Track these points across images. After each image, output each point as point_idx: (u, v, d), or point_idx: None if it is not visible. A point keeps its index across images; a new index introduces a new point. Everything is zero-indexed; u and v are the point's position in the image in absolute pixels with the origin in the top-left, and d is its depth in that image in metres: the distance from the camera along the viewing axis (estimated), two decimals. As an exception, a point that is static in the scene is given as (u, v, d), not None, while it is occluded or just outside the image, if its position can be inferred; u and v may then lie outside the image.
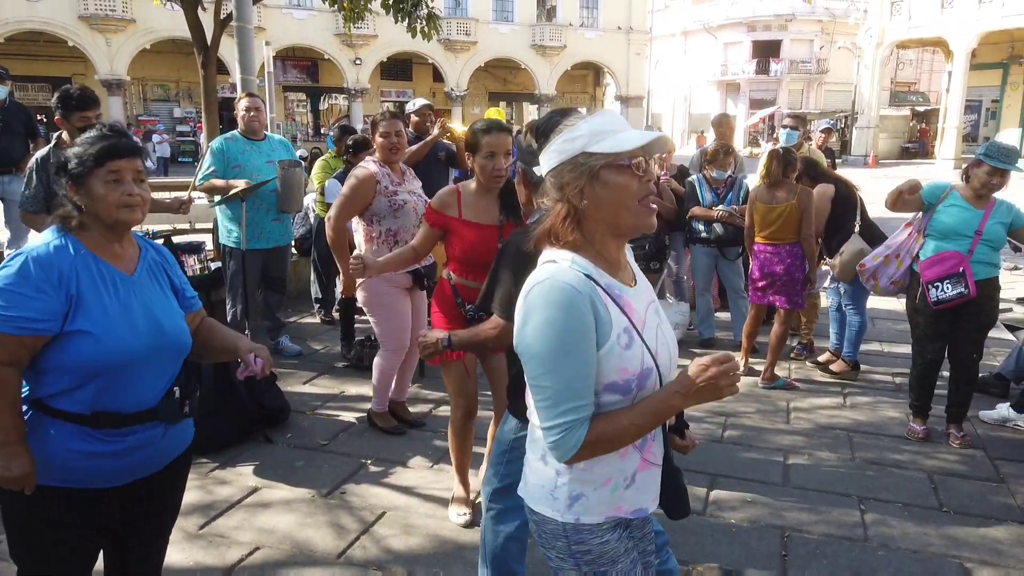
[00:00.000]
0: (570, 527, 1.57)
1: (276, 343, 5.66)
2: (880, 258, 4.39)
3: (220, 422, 3.94)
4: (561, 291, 1.42)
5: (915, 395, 4.32)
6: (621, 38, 39.37)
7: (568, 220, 1.50)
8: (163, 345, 1.88)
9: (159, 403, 1.90)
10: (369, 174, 3.94)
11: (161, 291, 1.96)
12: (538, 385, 1.45)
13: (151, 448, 1.92)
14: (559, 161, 1.50)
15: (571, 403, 1.42)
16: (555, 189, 1.52)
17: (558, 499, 1.57)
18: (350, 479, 3.70)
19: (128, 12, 28.76)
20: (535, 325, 1.43)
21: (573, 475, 1.55)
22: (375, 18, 26.73)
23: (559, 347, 1.41)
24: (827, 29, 42.27)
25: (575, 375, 1.42)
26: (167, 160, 27.51)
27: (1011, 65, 31.09)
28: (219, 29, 9.93)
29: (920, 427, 4.28)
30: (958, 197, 4.05)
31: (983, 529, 3.28)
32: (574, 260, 1.48)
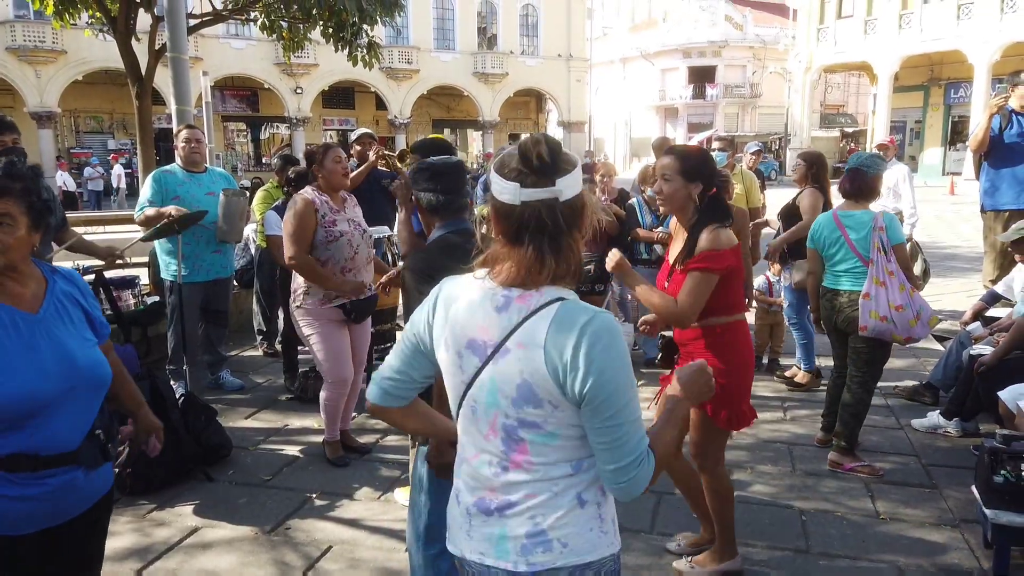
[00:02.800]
0: (618, 555, 1.56)
1: (217, 377, 5.53)
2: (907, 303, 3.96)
3: (157, 461, 3.80)
4: (614, 323, 1.44)
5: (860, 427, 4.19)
6: (561, 65, 40.09)
7: (574, 248, 1.46)
8: (79, 382, 1.80)
9: (80, 446, 1.81)
10: (308, 201, 3.92)
11: (72, 325, 1.86)
12: (615, 423, 1.39)
13: (71, 492, 1.83)
14: (580, 187, 1.46)
15: (641, 434, 1.44)
16: (574, 212, 1.44)
17: (607, 531, 1.51)
18: (294, 514, 3.62)
19: (59, 43, 28.03)
20: (615, 357, 1.39)
21: (608, 502, 1.54)
22: (315, 47, 26.60)
23: (629, 378, 1.43)
24: (758, 55, 43.81)
25: (638, 404, 1.44)
26: (99, 194, 26.75)
27: (931, 87, 32.68)
28: (154, 60, 9.80)
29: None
30: None
31: (918, 534, 3.39)
32: (575, 296, 1.47)
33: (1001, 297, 5.38)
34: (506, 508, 1.48)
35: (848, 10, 32.93)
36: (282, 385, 5.53)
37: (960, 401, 4.47)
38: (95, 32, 11.42)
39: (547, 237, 1.41)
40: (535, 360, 1.39)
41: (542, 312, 1.40)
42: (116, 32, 9.52)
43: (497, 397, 1.45)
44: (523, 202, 1.41)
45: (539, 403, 1.41)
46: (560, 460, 1.46)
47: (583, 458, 1.47)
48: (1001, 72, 25.42)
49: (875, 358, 4.09)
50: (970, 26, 27.62)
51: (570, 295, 1.45)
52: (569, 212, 1.43)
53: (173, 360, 5.17)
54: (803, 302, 5.23)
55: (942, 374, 5.01)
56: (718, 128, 38.63)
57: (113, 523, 3.46)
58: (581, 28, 41.11)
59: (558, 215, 1.41)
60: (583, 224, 1.46)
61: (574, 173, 1.44)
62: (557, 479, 1.46)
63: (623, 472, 1.40)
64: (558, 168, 1.41)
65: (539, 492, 1.46)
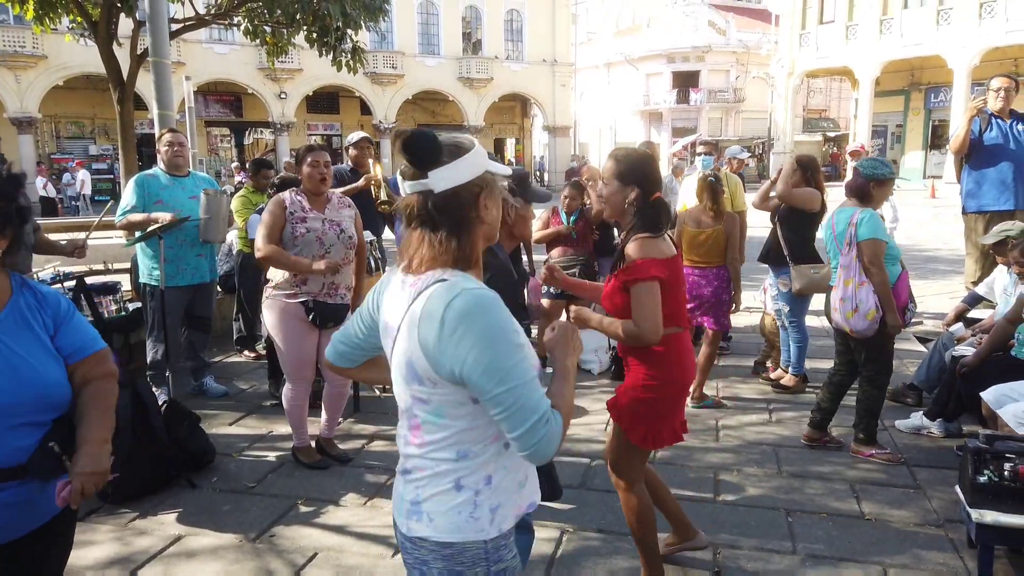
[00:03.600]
0: (491, 544, 1.57)
1: (201, 384, 5.48)
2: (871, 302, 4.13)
3: (139, 468, 3.77)
4: (483, 296, 1.47)
5: (873, 422, 4.28)
6: (546, 70, 40.18)
7: (469, 236, 1.55)
8: (25, 397, 1.72)
9: (30, 459, 1.74)
10: (278, 200, 4.01)
11: (31, 340, 1.78)
12: (504, 391, 1.43)
13: (20, 507, 1.76)
14: (473, 176, 1.54)
15: (537, 394, 1.46)
16: (461, 204, 1.53)
17: (479, 519, 1.56)
18: (279, 521, 3.58)
19: (39, 48, 27.75)
20: (480, 332, 1.43)
21: (492, 489, 1.57)
22: (299, 52, 26.51)
23: (507, 346, 1.45)
24: (742, 60, 44.09)
25: (528, 366, 1.47)
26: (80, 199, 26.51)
27: (912, 92, 33.07)
28: (136, 64, 9.73)
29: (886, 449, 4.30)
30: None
31: (903, 534, 3.40)
32: (465, 277, 1.53)
33: (983, 298, 5.44)
34: (406, 474, 1.63)
35: (830, 15, 33.26)
36: (266, 391, 5.49)
37: (943, 402, 4.51)
38: (76, 37, 11.33)
39: (430, 226, 1.53)
40: (413, 339, 1.49)
41: (423, 294, 1.49)
42: (97, 37, 9.45)
43: (398, 375, 1.58)
44: (408, 194, 1.55)
45: (421, 380, 1.52)
46: (447, 444, 1.55)
47: (469, 448, 1.55)
48: (980, 77, 25.73)
49: (871, 355, 4.17)
50: (949, 31, 27.98)
51: (454, 276, 1.51)
52: (444, 203, 1.51)
53: (155, 366, 5.11)
54: (802, 303, 5.24)
55: (925, 375, 5.05)
56: (702, 133, 38.87)
57: (94, 532, 3.44)
58: (566, 33, 41.22)
59: (431, 206, 1.52)
60: (477, 214, 1.55)
61: (453, 164, 1.51)
62: (440, 461, 1.56)
63: (530, 435, 1.44)
64: (432, 161, 1.50)
65: (424, 468, 1.58)
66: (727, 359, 6.39)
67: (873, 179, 4.13)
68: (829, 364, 5.68)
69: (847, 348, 4.32)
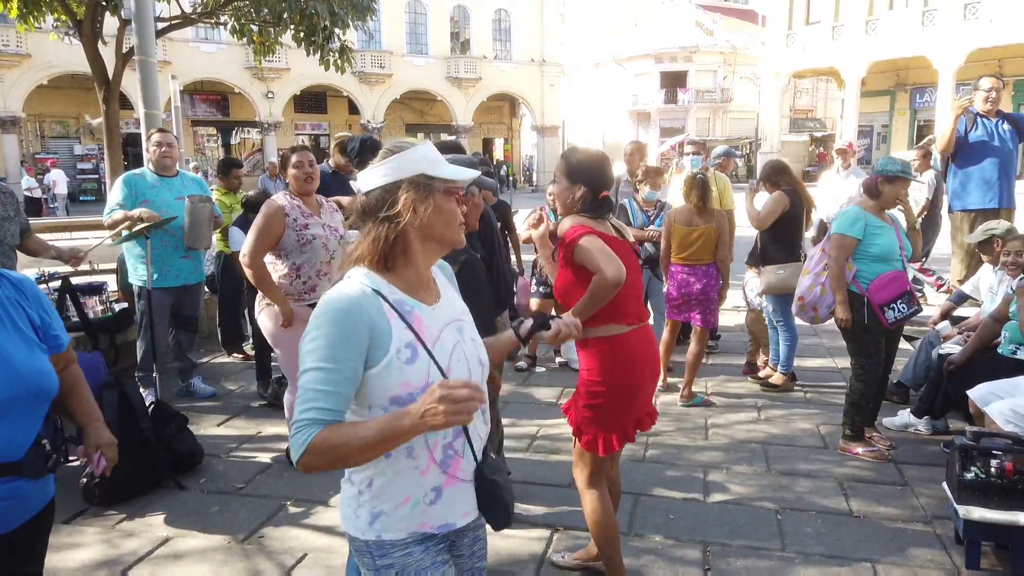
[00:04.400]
0: (372, 544, 1.60)
1: (188, 384, 5.44)
2: (816, 288, 4.44)
3: (126, 470, 3.72)
4: (340, 300, 1.51)
5: (863, 415, 4.34)
6: (535, 70, 40.21)
7: (389, 238, 1.57)
8: (18, 391, 1.72)
9: (25, 456, 1.75)
10: (277, 207, 3.88)
11: (15, 331, 1.78)
12: (299, 384, 1.49)
13: (16, 502, 1.77)
14: (396, 178, 1.57)
15: (315, 403, 1.45)
16: (382, 205, 1.57)
17: (360, 518, 1.61)
18: (268, 522, 3.56)
19: (23, 46, 27.50)
20: (311, 327, 1.50)
21: (372, 493, 1.60)
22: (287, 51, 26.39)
23: (322, 348, 1.47)
24: (729, 60, 44.30)
25: (329, 379, 1.46)
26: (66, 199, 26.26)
27: (897, 92, 33.33)
28: (121, 63, 9.66)
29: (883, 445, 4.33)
30: (875, 220, 4.22)
31: (891, 531, 3.42)
32: (367, 275, 1.58)
33: (969, 297, 5.48)
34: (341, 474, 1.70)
35: (816, 16, 33.49)
36: (255, 391, 5.46)
37: (930, 400, 4.54)
38: (61, 35, 11.25)
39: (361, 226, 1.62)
40: None
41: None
42: (82, 35, 9.37)
43: None
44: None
45: None
46: None
47: None
48: (965, 77, 25.97)
49: (849, 349, 4.33)
50: (935, 32, 28.23)
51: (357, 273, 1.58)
52: (367, 204, 1.59)
53: (142, 367, 5.07)
54: (786, 302, 5.26)
55: (912, 373, 5.08)
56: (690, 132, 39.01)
57: (81, 534, 3.41)
58: (554, 33, 41.28)
59: (361, 207, 1.61)
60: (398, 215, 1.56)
61: (378, 167, 1.58)
62: None
63: (290, 430, 1.48)
64: (362, 163, 1.64)
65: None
66: (716, 358, 6.42)
67: (882, 174, 4.19)
68: (818, 362, 5.73)
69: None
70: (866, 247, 4.19)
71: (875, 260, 4.18)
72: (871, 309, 4.16)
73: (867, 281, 4.17)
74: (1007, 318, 4.28)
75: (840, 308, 4.20)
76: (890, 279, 4.16)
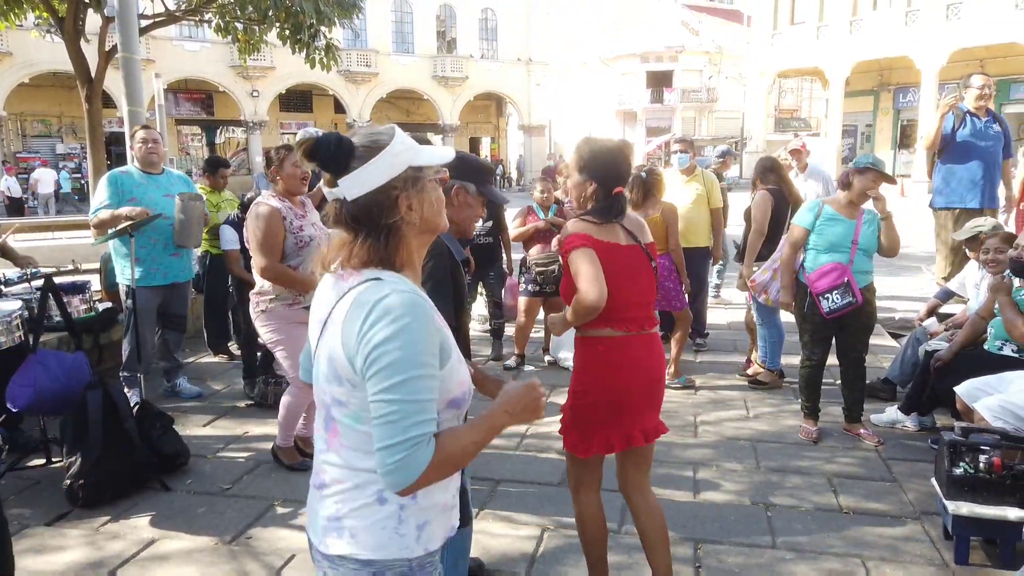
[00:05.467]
0: (416, 563, 1.48)
1: (174, 385, 5.38)
2: (768, 272, 4.71)
3: (111, 471, 3.70)
4: (415, 302, 1.38)
5: (805, 396, 4.60)
6: (521, 69, 40.21)
7: (392, 240, 1.46)
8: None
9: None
10: (273, 210, 3.82)
11: None
12: (387, 399, 1.34)
13: None
14: (390, 177, 1.44)
15: (421, 416, 1.34)
16: (380, 210, 1.45)
17: (405, 535, 1.46)
18: (256, 523, 3.52)
19: (4, 44, 27.16)
20: (396, 332, 1.34)
21: (418, 504, 1.48)
22: (272, 49, 26.26)
23: (416, 356, 1.35)
24: (714, 60, 44.49)
25: (426, 387, 1.36)
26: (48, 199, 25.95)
27: (881, 92, 33.57)
28: (104, 61, 9.57)
29: (813, 428, 4.54)
30: (831, 211, 4.36)
31: (880, 527, 3.43)
32: (399, 277, 1.46)
33: (954, 294, 5.51)
34: (322, 487, 1.52)
35: (801, 16, 33.68)
36: (241, 391, 5.41)
37: (917, 396, 4.56)
38: (42, 33, 11.12)
39: (351, 231, 1.47)
40: (336, 336, 1.42)
41: (354, 290, 1.43)
42: (64, 33, 9.27)
43: (319, 372, 1.50)
44: (330, 200, 1.50)
45: (341, 381, 1.43)
46: (367, 451, 1.42)
47: None
48: (948, 77, 26.22)
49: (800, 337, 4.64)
50: (918, 32, 28.44)
51: (390, 276, 1.44)
52: (358, 211, 1.45)
53: (127, 367, 5.01)
54: None
55: (899, 370, 5.11)
56: (676, 132, 39.14)
57: (64, 537, 3.37)
58: (540, 32, 41.29)
59: (347, 215, 1.46)
60: (399, 217, 1.46)
61: (363, 169, 1.43)
62: (360, 471, 1.45)
63: (390, 452, 1.32)
64: (342, 168, 1.44)
65: (344, 479, 1.47)
66: (704, 355, 6.43)
67: (853, 167, 4.34)
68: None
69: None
70: (816, 237, 4.38)
71: (823, 251, 4.35)
72: (812, 298, 4.34)
73: (811, 271, 4.37)
74: (993, 314, 4.30)
75: (783, 292, 4.57)
76: (829, 269, 4.29)
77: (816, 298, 4.32)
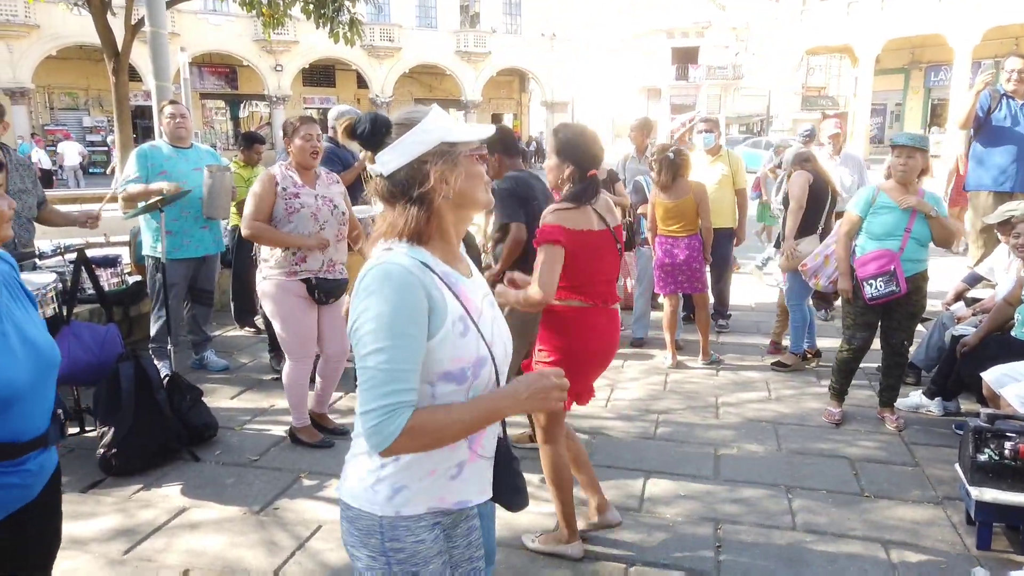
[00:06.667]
0: (387, 522, 1.54)
1: (202, 358, 5.47)
2: (820, 257, 4.71)
3: (142, 441, 3.79)
4: (396, 273, 1.44)
5: (836, 378, 4.58)
6: (545, 44, 39.81)
7: (422, 212, 1.52)
8: (42, 363, 1.75)
9: (49, 427, 1.79)
10: (268, 176, 3.94)
11: (22, 305, 1.80)
12: (364, 366, 1.42)
13: (40, 472, 1.81)
14: (420, 152, 1.50)
15: (394, 385, 1.40)
16: (412, 184, 1.51)
17: (378, 492, 1.54)
18: (283, 494, 3.60)
19: (31, 17, 27.38)
20: (368, 304, 1.43)
21: (399, 465, 1.53)
22: (296, 24, 26.24)
23: (389, 326, 1.41)
24: (741, 36, 43.79)
25: (401, 357, 1.41)
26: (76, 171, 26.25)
27: (912, 70, 32.89)
28: (130, 35, 9.61)
29: (836, 410, 4.53)
30: (885, 198, 4.27)
31: (901, 511, 3.44)
32: (411, 248, 1.52)
33: (982, 278, 5.44)
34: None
35: (831, -8, 33.01)
36: (267, 365, 5.49)
37: (942, 381, 4.53)
38: (69, 6, 11.19)
39: (390, 204, 1.55)
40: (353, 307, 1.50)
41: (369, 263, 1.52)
42: (91, 6, 9.32)
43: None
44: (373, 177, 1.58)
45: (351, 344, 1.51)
46: None
47: None
48: (982, 55, 25.63)
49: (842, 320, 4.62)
50: (951, 9, 27.76)
51: (399, 246, 1.51)
52: (395, 184, 1.52)
53: (157, 339, 5.10)
54: (802, 285, 5.26)
55: (924, 354, 5.07)
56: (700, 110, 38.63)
57: (98, 504, 3.46)
58: (564, 7, 40.78)
59: (385, 188, 1.54)
60: (433, 189, 1.51)
61: (397, 144, 1.51)
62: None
63: (366, 418, 1.41)
64: (377, 144, 1.53)
65: (356, 429, 1.58)
66: (727, 336, 6.41)
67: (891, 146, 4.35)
68: (830, 342, 5.72)
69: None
70: (868, 223, 4.33)
71: (874, 237, 4.30)
72: (857, 282, 4.33)
73: (860, 255, 4.34)
74: (1020, 301, 4.25)
75: (841, 278, 4.46)
76: (877, 255, 4.24)
77: (861, 283, 4.29)
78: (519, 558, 3.06)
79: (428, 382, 1.48)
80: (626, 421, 4.49)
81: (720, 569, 2.99)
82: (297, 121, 4.02)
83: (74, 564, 2.99)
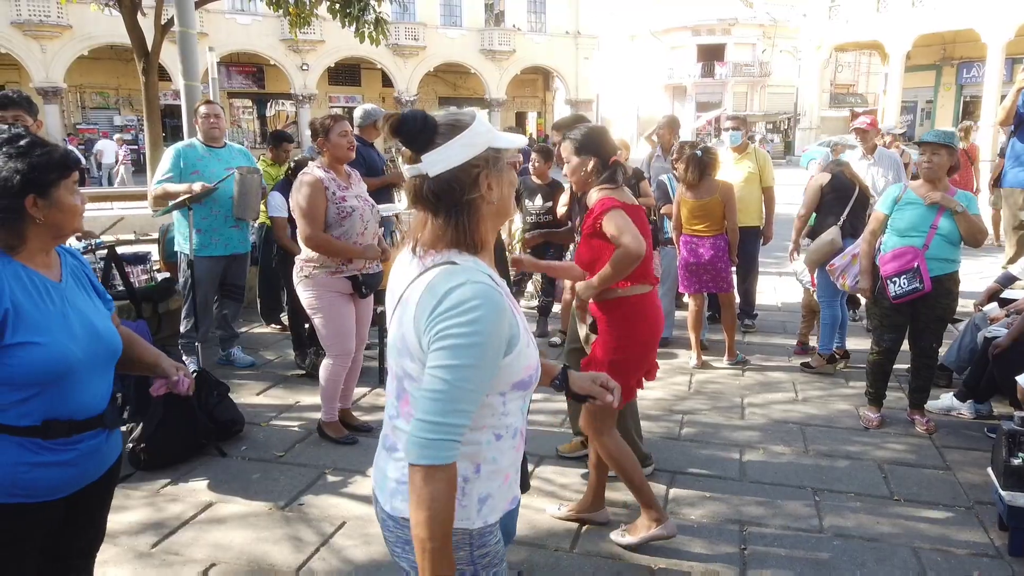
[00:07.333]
0: (476, 533, 1.50)
1: (228, 354, 5.53)
2: (848, 257, 4.69)
3: (170, 436, 3.84)
4: (490, 293, 1.39)
5: (870, 382, 4.50)
6: (569, 42, 39.72)
7: (473, 220, 1.47)
8: (100, 349, 1.89)
9: (106, 409, 1.91)
10: (316, 179, 3.87)
11: (87, 295, 1.96)
12: (439, 376, 1.36)
13: (95, 455, 1.92)
14: (472, 155, 1.45)
15: (464, 405, 1.37)
16: (461, 187, 1.46)
17: (467, 507, 1.49)
18: (308, 490, 3.63)
19: (64, 18, 27.88)
20: (471, 319, 1.35)
21: (483, 475, 1.50)
22: (322, 23, 26.40)
23: (483, 348, 1.36)
24: (768, 33, 43.32)
25: (479, 379, 1.38)
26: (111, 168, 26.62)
27: (943, 67, 32.34)
28: (160, 35, 9.74)
29: (875, 415, 4.44)
30: (912, 195, 4.21)
31: (932, 515, 3.38)
32: (476, 261, 1.47)
33: (1016, 279, 5.33)
34: (392, 450, 1.55)
35: (861, -13, 32.53)
36: (292, 362, 5.54)
37: (974, 383, 4.45)
38: (101, 6, 11.35)
39: (431, 209, 1.48)
40: (409, 313, 1.44)
41: (431, 271, 1.44)
42: (122, 6, 9.46)
43: (392, 345, 1.53)
44: (408, 178, 1.51)
45: (412, 357, 1.45)
46: None
47: None
48: (1015, 52, 25.13)
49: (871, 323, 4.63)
50: (984, 4, 27.21)
51: (465, 261, 1.45)
52: (440, 187, 1.45)
53: (186, 335, 5.17)
54: (831, 283, 5.18)
55: (956, 356, 4.97)
56: (727, 107, 38.33)
57: (127, 498, 3.51)
58: (589, 4, 40.64)
59: (428, 191, 1.46)
60: (479, 195, 1.47)
61: (447, 146, 1.44)
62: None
63: (429, 428, 1.35)
64: (425, 143, 1.45)
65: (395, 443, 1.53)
66: (753, 336, 6.35)
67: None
68: (859, 343, 5.64)
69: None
70: (892, 220, 4.27)
71: (897, 234, 4.23)
72: (882, 281, 4.26)
73: (885, 252, 4.28)
74: (1057, 302, 4.16)
75: (862, 277, 4.44)
76: (900, 252, 4.16)
77: (885, 282, 4.21)
78: (543, 557, 3.06)
79: (500, 392, 1.47)
80: (651, 421, 4.46)
81: (746, 570, 2.96)
82: (329, 120, 4.01)
83: (103, 556, 3.01)
